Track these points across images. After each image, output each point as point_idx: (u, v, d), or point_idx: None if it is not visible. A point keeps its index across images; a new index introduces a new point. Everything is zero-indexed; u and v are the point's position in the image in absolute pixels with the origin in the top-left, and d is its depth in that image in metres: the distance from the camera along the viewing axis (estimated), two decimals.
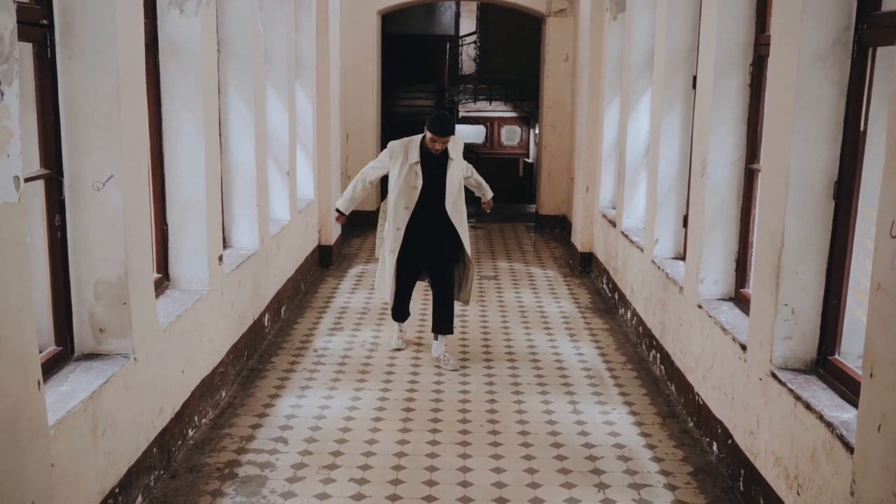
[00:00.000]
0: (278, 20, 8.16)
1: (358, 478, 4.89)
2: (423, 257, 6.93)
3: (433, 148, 6.60)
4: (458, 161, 6.75)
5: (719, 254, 5.68)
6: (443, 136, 6.54)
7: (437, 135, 6.52)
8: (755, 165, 5.42)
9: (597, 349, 7.41)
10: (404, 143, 6.78)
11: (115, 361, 4.28)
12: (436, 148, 6.59)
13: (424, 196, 6.71)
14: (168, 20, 5.34)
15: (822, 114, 4.12)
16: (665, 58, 6.84)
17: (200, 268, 5.62)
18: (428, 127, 6.56)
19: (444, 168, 6.68)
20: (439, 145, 6.58)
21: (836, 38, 4.06)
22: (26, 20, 3.76)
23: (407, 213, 6.71)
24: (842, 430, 3.55)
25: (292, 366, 6.82)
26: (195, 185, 5.52)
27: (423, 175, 6.68)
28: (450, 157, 6.68)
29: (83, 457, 3.83)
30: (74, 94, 4.13)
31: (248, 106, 6.88)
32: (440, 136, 6.53)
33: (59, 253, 4.18)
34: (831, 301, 4.21)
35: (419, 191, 6.68)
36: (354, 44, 12.94)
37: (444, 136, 6.54)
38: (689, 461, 5.19)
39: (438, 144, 6.57)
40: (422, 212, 6.73)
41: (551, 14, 12.99)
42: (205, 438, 5.39)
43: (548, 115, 13.35)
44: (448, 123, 6.58)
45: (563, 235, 12.83)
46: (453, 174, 6.72)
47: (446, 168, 6.68)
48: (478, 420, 5.78)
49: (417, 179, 6.67)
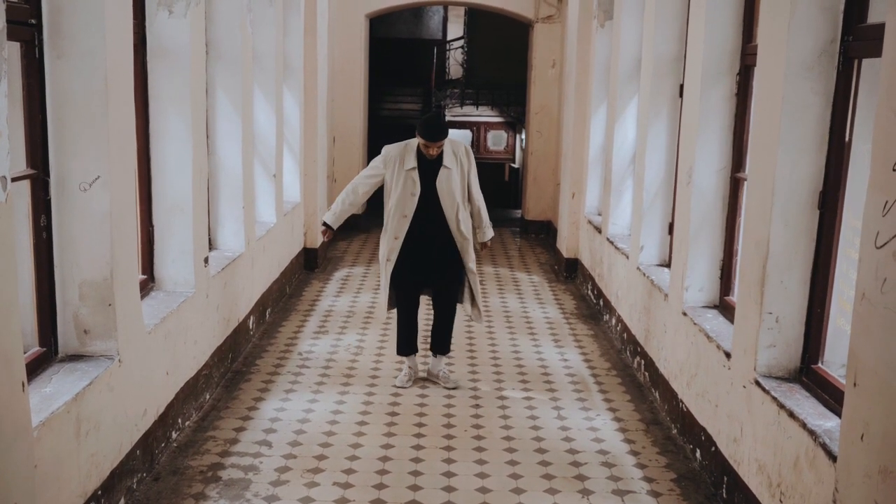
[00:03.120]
0: (267, 22, 8.16)
1: (342, 482, 4.88)
2: (424, 271, 6.37)
3: (427, 153, 6.10)
4: (454, 169, 6.20)
5: (704, 261, 5.71)
6: (434, 140, 6.03)
7: (427, 140, 6.03)
8: (741, 174, 5.46)
9: (581, 355, 7.43)
10: (400, 147, 6.25)
11: (99, 363, 4.25)
12: (430, 153, 6.09)
13: (424, 205, 6.18)
14: (157, 21, 5.33)
15: (807, 124, 4.15)
16: (652, 66, 6.87)
17: (186, 269, 5.60)
18: (419, 131, 6.07)
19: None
20: (433, 150, 6.07)
21: (822, 49, 4.09)
22: (15, 19, 3.75)
23: (406, 221, 6.19)
24: (825, 439, 3.58)
25: (277, 369, 6.80)
26: (182, 186, 5.51)
27: (421, 182, 6.15)
28: (443, 165, 6.16)
29: (66, 458, 3.80)
30: (62, 93, 4.11)
31: (236, 108, 6.86)
32: (432, 142, 6.04)
33: (44, 253, 4.15)
34: (815, 310, 4.24)
35: (417, 199, 6.15)
36: (342, 47, 12.94)
37: (435, 142, 6.04)
38: (673, 468, 5.21)
39: (432, 150, 6.07)
40: (422, 222, 6.21)
41: (539, 20, 13.03)
42: (188, 441, 5.36)
43: (534, 120, 13.38)
44: (439, 126, 6.07)
45: (549, 241, 12.86)
46: (446, 183, 6.17)
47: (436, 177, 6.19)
48: (462, 425, 5.78)
49: (415, 187, 6.14)
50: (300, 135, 9.92)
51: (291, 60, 9.55)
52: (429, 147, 6.08)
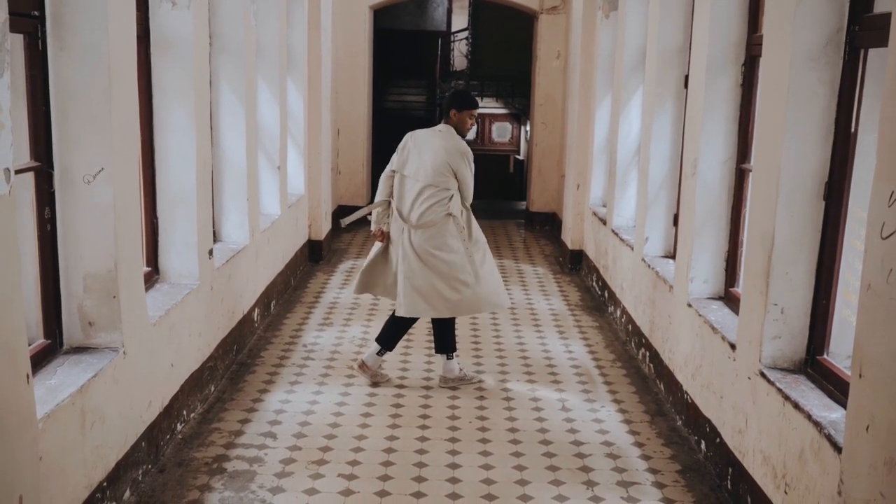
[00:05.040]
0: (270, 14, 8.14)
1: (346, 473, 4.89)
2: None
3: (470, 126, 6.15)
4: None
5: (709, 253, 5.69)
6: (478, 106, 6.19)
7: (475, 107, 6.13)
8: (746, 165, 5.44)
9: (586, 347, 7.43)
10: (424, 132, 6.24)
11: (104, 355, 4.26)
12: (471, 125, 6.16)
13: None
14: (160, 13, 5.32)
15: (813, 114, 4.13)
16: (657, 56, 6.85)
17: (190, 261, 5.60)
18: (464, 105, 6.07)
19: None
20: (474, 122, 6.18)
21: (828, 39, 4.07)
22: (18, 11, 3.74)
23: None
24: (830, 430, 3.57)
25: (281, 361, 6.81)
26: (186, 178, 5.50)
27: None
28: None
29: (71, 450, 3.81)
30: (65, 86, 4.11)
31: (240, 100, 6.85)
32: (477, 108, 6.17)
33: (48, 246, 4.16)
34: (820, 301, 4.23)
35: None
36: (346, 39, 12.92)
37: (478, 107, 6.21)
38: (678, 459, 5.21)
39: (474, 121, 6.16)
40: None
41: (544, 11, 12.99)
42: (193, 433, 5.37)
43: (539, 112, 13.35)
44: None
45: (554, 233, 12.85)
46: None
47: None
48: (467, 417, 5.78)
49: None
50: (304, 127, 9.91)
51: (295, 52, 9.53)
52: (473, 117, 6.13)
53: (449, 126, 6.11)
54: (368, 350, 6.46)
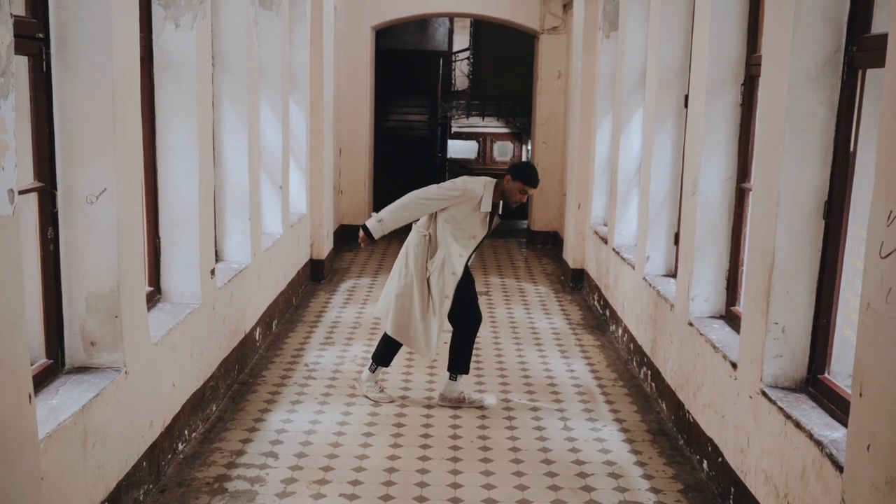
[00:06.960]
0: (273, 35, 8.19)
1: (348, 493, 4.88)
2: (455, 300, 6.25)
3: (519, 200, 6.13)
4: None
5: (710, 272, 5.70)
6: (536, 186, 6.17)
7: (533, 186, 6.11)
8: (746, 184, 5.46)
9: (588, 366, 7.42)
10: (479, 185, 6.13)
11: (106, 375, 4.26)
12: (521, 200, 6.15)
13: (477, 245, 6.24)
14: (163, 34, 5.36)
15: (812, 134, 4.16)
16: (657, 76, 6.88)
17: (192, 281, 5.62)
18: (520, 177, 6.04)
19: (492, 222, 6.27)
20: (524, 198, 6.15)
21: (826, 59, 4.10)
22: (23, 34, 3.77)
23: (462, 260, 6.15)
24: (831, 449, 3.57)
25: (283, 380, 6.81)
26: (188, 198, 5.53)
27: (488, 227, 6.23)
28: (498, 212, 6.27)
29: (73, 470, 3.81)
30: (69, 107, 4.14)
31: (242, 120, 6.89)
32: (534, 188, 6.16)
33: (51, 265, 4.17)
34: (821, 320, 4.23)
35: (477, 242, 6.21)
36: (348, 59, 12.99)
37: (536, 187, 6.19)
38: (680, 479, 5.20)
39: (524, 197, 6.14)
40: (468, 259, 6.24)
41: (544, 31, 13.06)
42: (195, 452, 5.37)
43: (540, 131, 13.40)
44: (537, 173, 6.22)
45: (555, 251, 12.86)
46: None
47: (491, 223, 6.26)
48: (468, 436, 5.78)
49: (481, 231, 6.18)
50: (306, 146, 9.95)
51: (298, 72, 9.59)
52: (525, 193, 6.12)
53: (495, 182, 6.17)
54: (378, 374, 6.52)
